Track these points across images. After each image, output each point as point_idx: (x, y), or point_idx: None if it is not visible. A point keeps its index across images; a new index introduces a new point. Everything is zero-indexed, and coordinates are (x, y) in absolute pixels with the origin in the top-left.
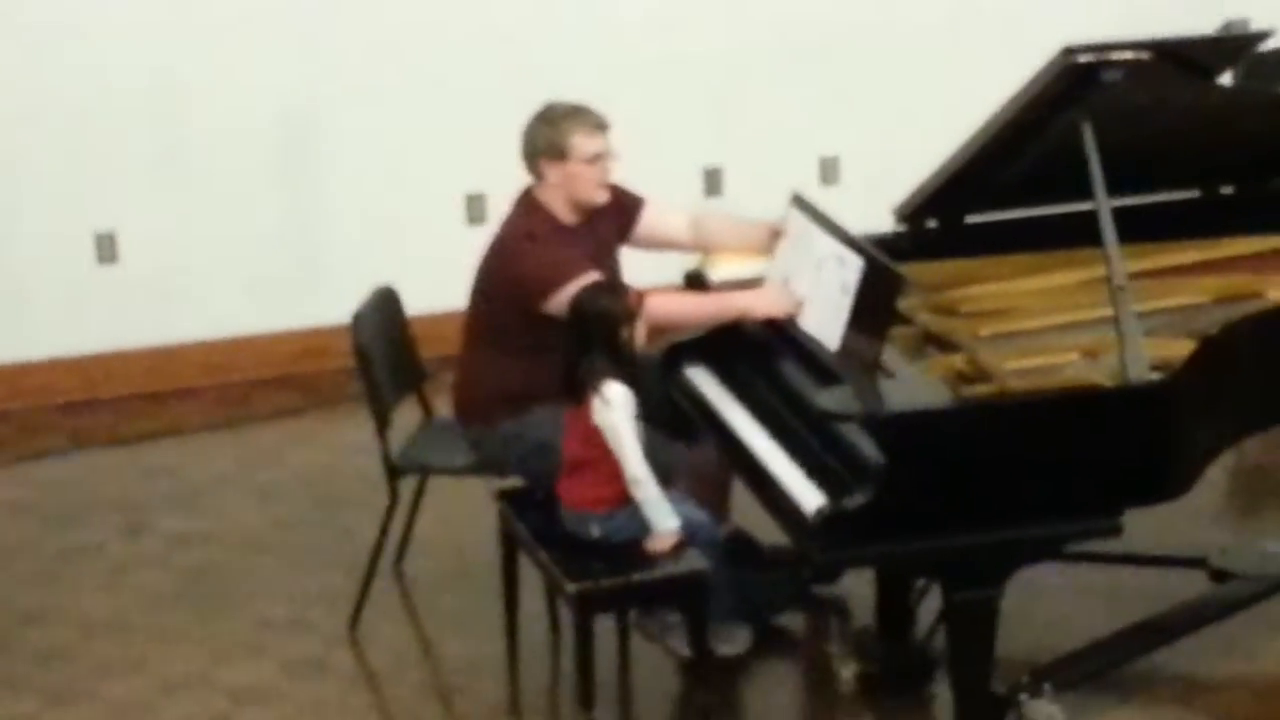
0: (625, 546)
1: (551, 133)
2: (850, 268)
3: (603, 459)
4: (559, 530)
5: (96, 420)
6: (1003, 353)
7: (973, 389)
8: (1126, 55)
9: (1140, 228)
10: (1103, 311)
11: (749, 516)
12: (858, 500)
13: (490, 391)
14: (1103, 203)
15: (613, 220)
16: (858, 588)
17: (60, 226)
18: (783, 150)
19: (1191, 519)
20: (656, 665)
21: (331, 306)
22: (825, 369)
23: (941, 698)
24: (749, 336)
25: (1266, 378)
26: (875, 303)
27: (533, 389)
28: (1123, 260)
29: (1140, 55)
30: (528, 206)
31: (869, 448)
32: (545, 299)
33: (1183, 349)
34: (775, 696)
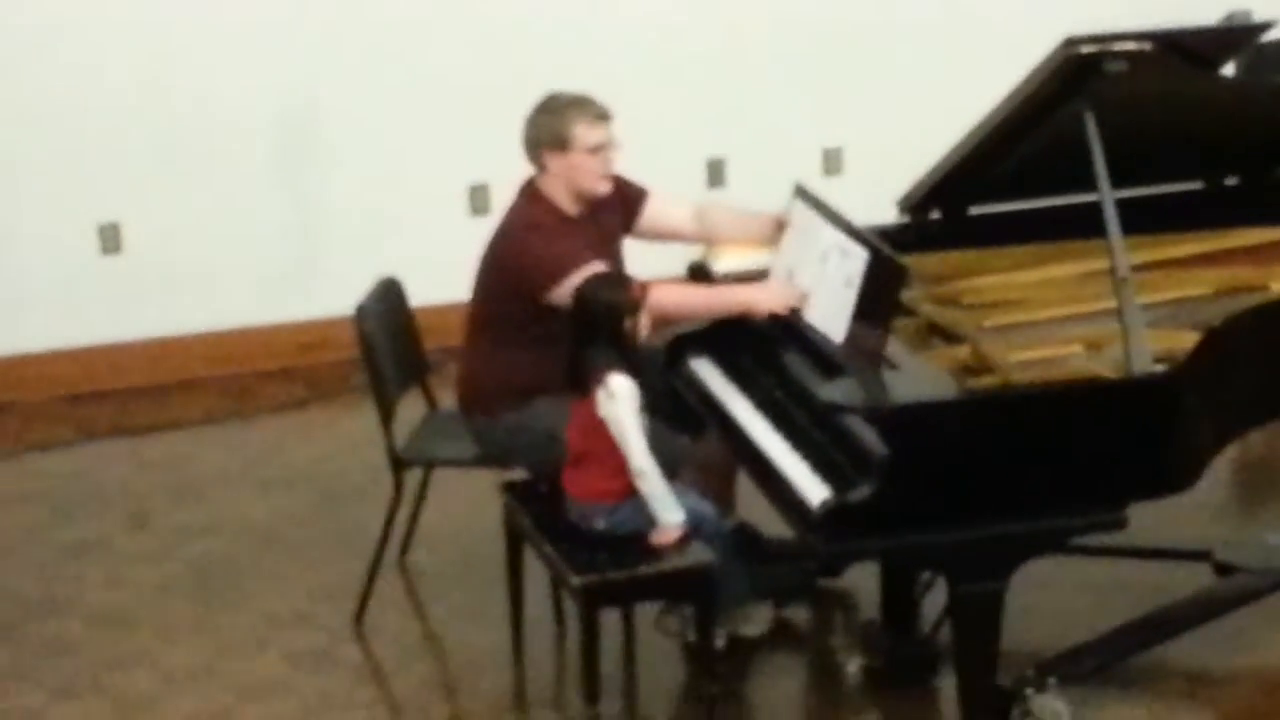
0: (630, 539)
1: (554, 123)
2: (854, 259)
3: (608, 451)
4: (564, 523)
5: (100, 412)
6: (1006, 344)
7: (977, 381)
8: (1129, 46)
9: (1143, 219)
10: (1106, 303)
11: (754, 509)
12: (862, 493)
13: (494, 383)
14: (1106, 194)
15: (616, 211)
16: (862, 581)
17: (64, 217)
18: (786, 141)
19: (1196, 512)
20: (662, 658)
21: (335, 298)
22: (829, 361)
23: (946, 691)
24: (753, 328)
25: (1271, 370)
26: (879, 294)
27: (537, 380)
28: (1126, 252)
29: (1143, 46)
30: (530, 197)
31: (873, 440)
32: (548, 290)
33: (1186, 341)
34: (780, 689)
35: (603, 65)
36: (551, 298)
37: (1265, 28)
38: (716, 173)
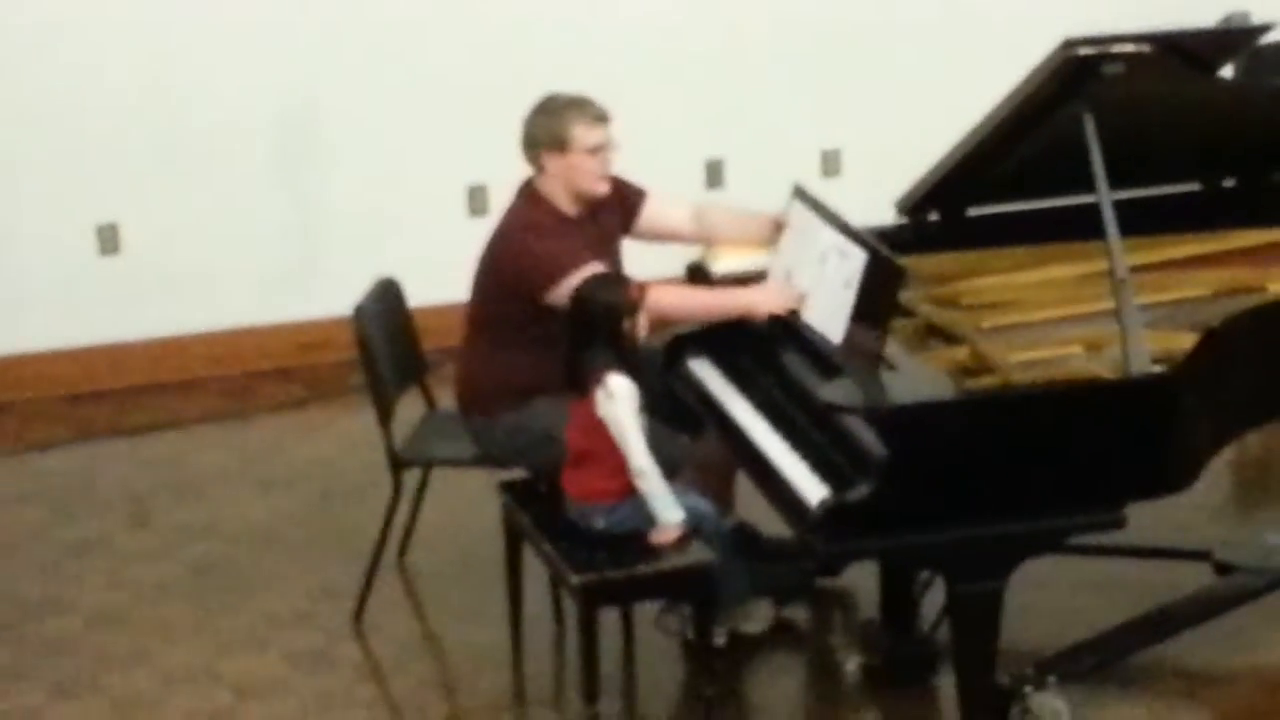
0: (630, 538)
1: (552, 124)
2: (853, 260)
3: (607, 451)
4: (563, 522)
5: (99, 412)
6: (1005, 345)
7: (975, 381)
8: (1127, 48)
9: (1142, 221)
10: (1105, 304)
11: (753, 509)
12: (861, 492)
13: (493, 383)
14: (1104, 195)
15: (615, 212)
16: (861, 580)
17: (62, 218)
18: (784, 143)
19: (1195, 512)
20: (661, 657)
21: (334, 298)
22: (828, 361)
23: (945, 690)
24: (752, 329)
25: (1269, 371)
26: (878, 295)
27: (535, 380)
28: (1124, 253)
29: (1141, 48)
30: (529, 198)
31: (872, 440)
32: (547, 290)
33: (1185, 342)
34: (779, 688)
35: (601, 66)
36: (550, 298)
37: (1263, 30)
38: (715, 173)
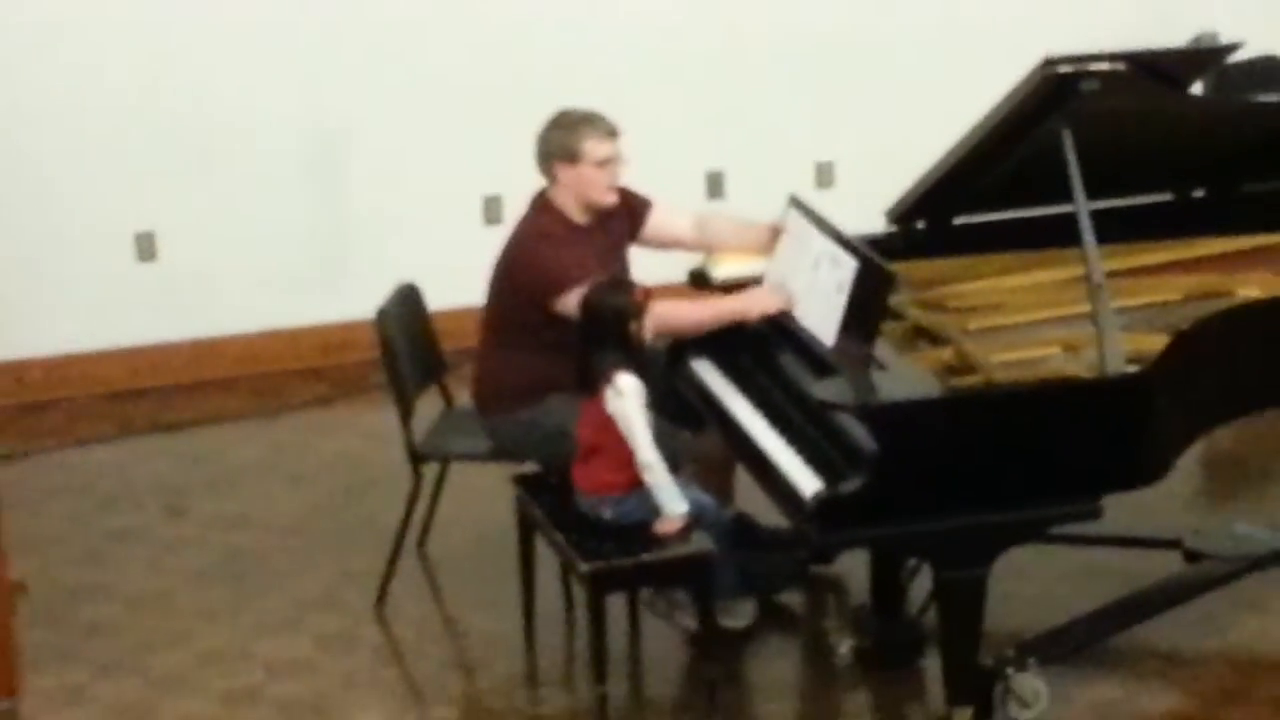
0: (636, 528)
1: (565, 137)
2: (844, 267)
3: (615, 446)
4: (573, 513)
5: (139, 409)
6: (988, 346)
7: (961, 380)
8: (1103, 66)
9: (1117, 229)
10: (1082, 308)
11: (751, 501)
12: (852, 485)
13: (507, 382)
14: (1081, 205)
15: (623, 221)
16: (853, 568)
17: (103, 227)
18: (781, 155)
19: (1167, 503)
20: (665, 640)
21: (358, 302)
22: (822, 361)
23: (932, 671)
24: (750, 331)
25: (1235, 370)
26: (868, 299)
27: (547, 380)
28: (1100, 260)
29: (1116, 66)
30: (542, 208)
31: (863, 436)
32: (555, 299)
33: (1157, 343)
34: (776, 669)
35: (610, 85)
36: (557, 308)
37: (1231, 49)
38: (716, 185)
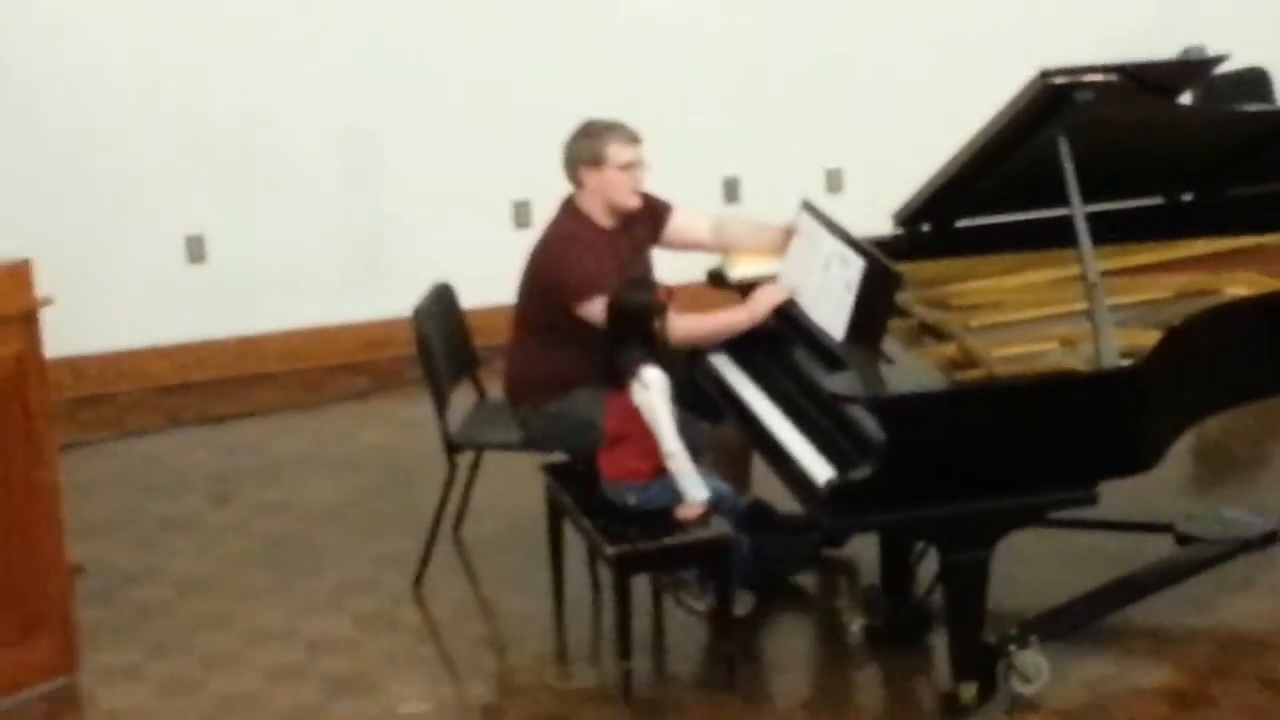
0: (659, 514)
1: (591, 143)
2: (853, 267)
3: (640, 436)
4: (599, 500)
5: (188, 402)
6: (990, 342)
7: (964, 374)
8: (1097, 77)
9: (1111, 231)
10: (1078, 305)
11: (767, 488)
12: (863, 473)
13: (537, 376)
14: (1077, 209)
15: (645, 224)
16: (864, 550)
17: (155, 230)
18: (793, 162)
19: (1159, 489)
20: (687, 620)
21: (395, 301)
22: (833, 356)
23: (939, 648)
24: (764, 328)
25: (1223, 364)
26: (876, 297)
27: (574, 374)
28: (1095, 260)
29: (1109, 77)
30: (570, 213)
31: (872, 426)
32: (578, 306)
33: (1149, 339)
34: (791, 647)
35: (632, 96)
36: (579, 313)
37: (1218, 61)
38: (732, 190)
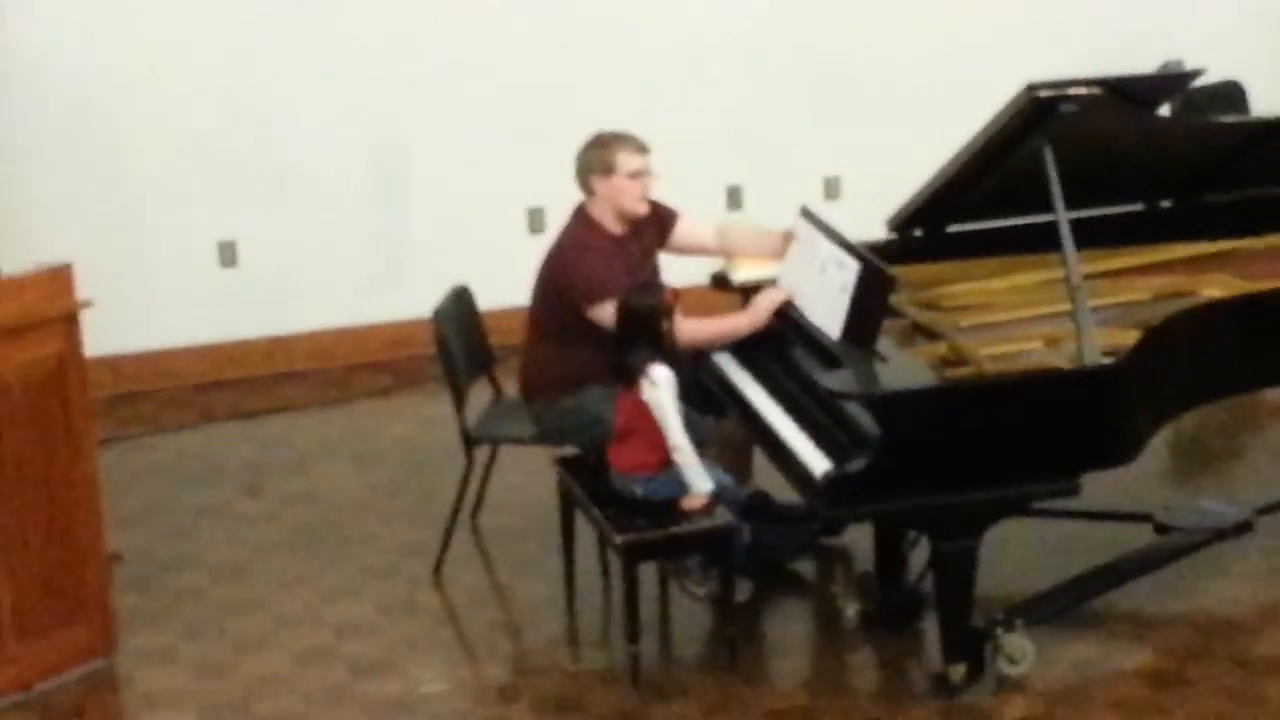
0: (665, 504)
1: (601, 153)
2: (848, 270)
3: (648, 430)
4: (609, 491)
5: (220, 399)
6: (979, 341)
7: (954, 372)
8: (1080, 90)
9: (1093, 235)
10: (1062, 306)
11: (768, 479)
12: (858, 465)
13: (550, 374)
14: (1061, 215)
15: (653, 230)
16: (858, 539)
17: (189, 237)
18: (792, 171)
19: (1139, 481)
20: (691, 605)
21: (416, 303)
22: (830, 355)
23: (930, 631)
24: (765, 329)
25: (1199, 362)
26: (870, 299)
27: (585, 372)
28: (1079, 263)
29: (1092, 90)
30: (581, 219)
31: (867, 421)
32: (589, 308)
33: (1129, 338)
34: (790, 630)
35: (640, 109)
36: (590, 315)
37: (1195, 75)
38: (735, 197)
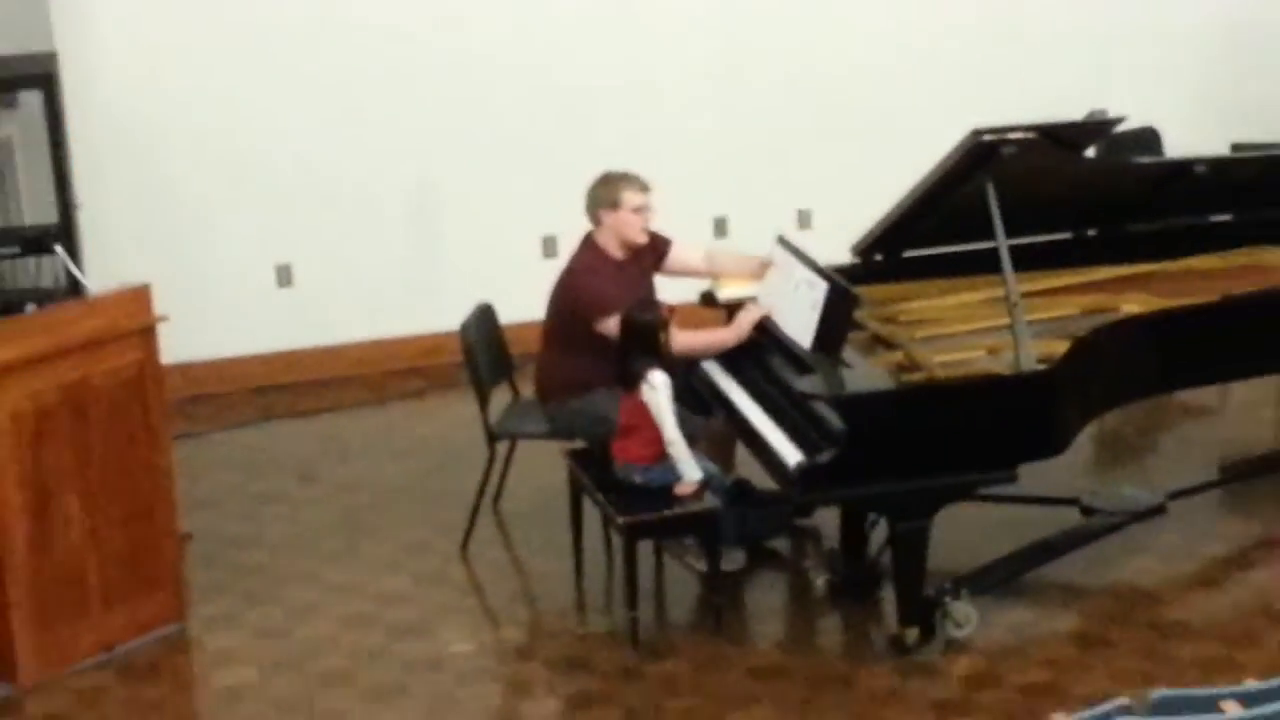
0: (661, 490)
1: (608, 190)
2: (818, 289)
3: (646, 427)
4: (612, 479)
5: (278, 400)
6: (931, 350)
7: (909, 377)
8: (1019, 134)
9: (1030, 259)
10: (1002, 320)
11: (749, 469)
12: (826, 457)
13: (562, 379)
14: (1002, 242)
15: (650, 256)
16: (827, 520)
17: (250, 260)
18: (771, 204)
19: (1067, 470)
20: (682, 578)
21: (446, 318)
22: (802, 363)
23: (888, 600)
24: (747, 340)
25: (1121, 368)
26: (837, 314)
27: (592, 377)
28: (1017, 283)
29: (1028, 135)
30: (589, 246)
31: (834, 419)
32: (596, 322)
33: (1060, 347)
34: (767, 599)
35: (640, 151)
36: (597, 328)
37: (1117, 122)
38: (721, 227)
